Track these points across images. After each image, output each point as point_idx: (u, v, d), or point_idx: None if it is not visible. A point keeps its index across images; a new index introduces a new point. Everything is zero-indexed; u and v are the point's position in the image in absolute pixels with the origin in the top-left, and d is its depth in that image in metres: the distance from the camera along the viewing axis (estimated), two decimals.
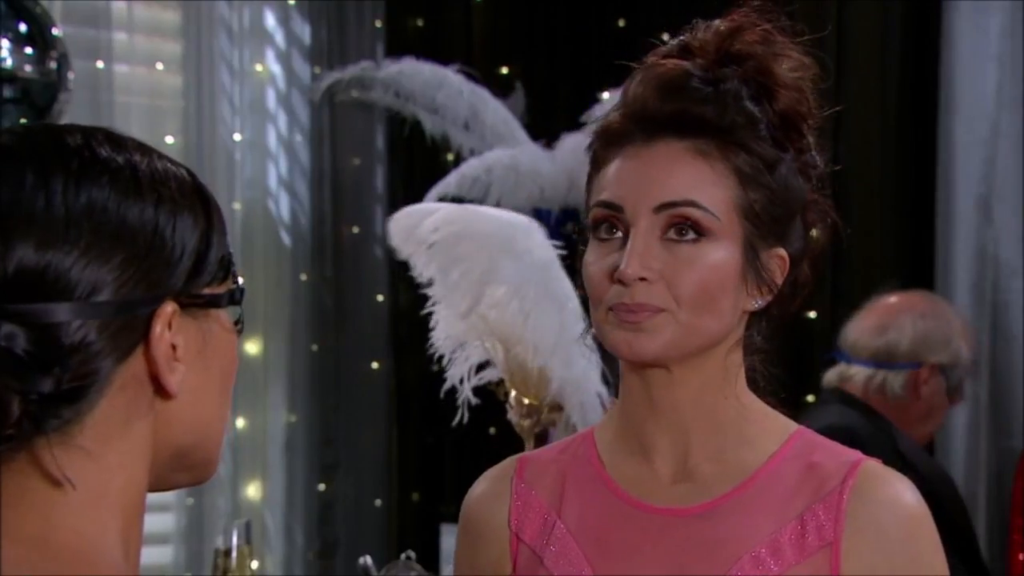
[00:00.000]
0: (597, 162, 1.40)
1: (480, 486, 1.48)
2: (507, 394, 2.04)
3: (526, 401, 2.00)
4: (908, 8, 3.80)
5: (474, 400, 2.08)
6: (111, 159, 0.96)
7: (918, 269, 3.68)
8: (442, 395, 2.09)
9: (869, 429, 2.75)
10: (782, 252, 1.37)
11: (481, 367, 2.10)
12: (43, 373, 0.89)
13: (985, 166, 3.66)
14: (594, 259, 1.36)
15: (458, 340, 2.04)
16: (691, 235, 1.33)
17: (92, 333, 0.92)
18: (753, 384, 1.43)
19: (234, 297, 1.01)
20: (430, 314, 4.45)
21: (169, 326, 0.96)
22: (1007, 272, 3.67)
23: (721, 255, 1.33)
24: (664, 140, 1.34)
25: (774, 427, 1.41)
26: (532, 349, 1.99)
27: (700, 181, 1.33)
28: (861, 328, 2.93)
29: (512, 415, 2.02)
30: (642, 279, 1.31)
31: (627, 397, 1.41)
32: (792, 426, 1.42)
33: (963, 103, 3.67)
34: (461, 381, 2.15)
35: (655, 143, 1.34)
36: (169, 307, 0.95)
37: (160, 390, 0.96)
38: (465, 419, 2.09)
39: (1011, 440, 3.64)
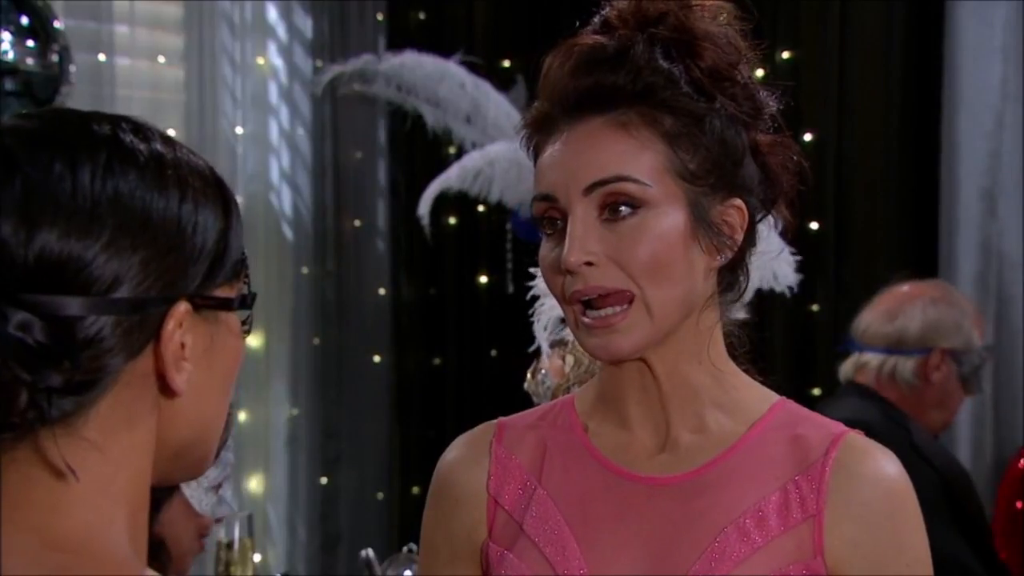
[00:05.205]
0: (536, 154, 1.38)
1: (456, 450, 1.45)
2: (562, 358, 1.98)
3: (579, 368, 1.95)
4: (912, 1, 3.79)
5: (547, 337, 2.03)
6: (138, 149, 0.95)
7: (922, 262, 3.67)
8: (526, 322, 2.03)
9: (884, 423, 2.72)
10: (737, 203, 1.34)
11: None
12: (54, 366, 0.88)
13: (989, 159, 3.65)
14: (544, 254, 1.34)
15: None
16: (627, 210, 1.30)
17: (106, 329, 0.91)
18: (732, 351, 1.40)
19: (245, 301, 1.01)
20: (432, 308, 4.45)
21: (180, 325, 0.95)
22: (1010, 264, 3.67)
23: (665, 222, 1.30)
24: (584, 119, 1.32)
25: (755, 396, 1.39)
26: None
27: (624, 152, 1.30)
28: (872, 316, 2.91)
29: (547, 380, 1.97)
30: (588, 263, 1.30)
31: (604, 374, 1.40)
32: (774, 396, 1.40)
33: (967, 96, 3.66)
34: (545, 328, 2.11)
35: (576, 124, 1.33)
36: (183, 307, 0.95)
37: (166, 388, 0.96)
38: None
39: (1014, 431, 3.64)
